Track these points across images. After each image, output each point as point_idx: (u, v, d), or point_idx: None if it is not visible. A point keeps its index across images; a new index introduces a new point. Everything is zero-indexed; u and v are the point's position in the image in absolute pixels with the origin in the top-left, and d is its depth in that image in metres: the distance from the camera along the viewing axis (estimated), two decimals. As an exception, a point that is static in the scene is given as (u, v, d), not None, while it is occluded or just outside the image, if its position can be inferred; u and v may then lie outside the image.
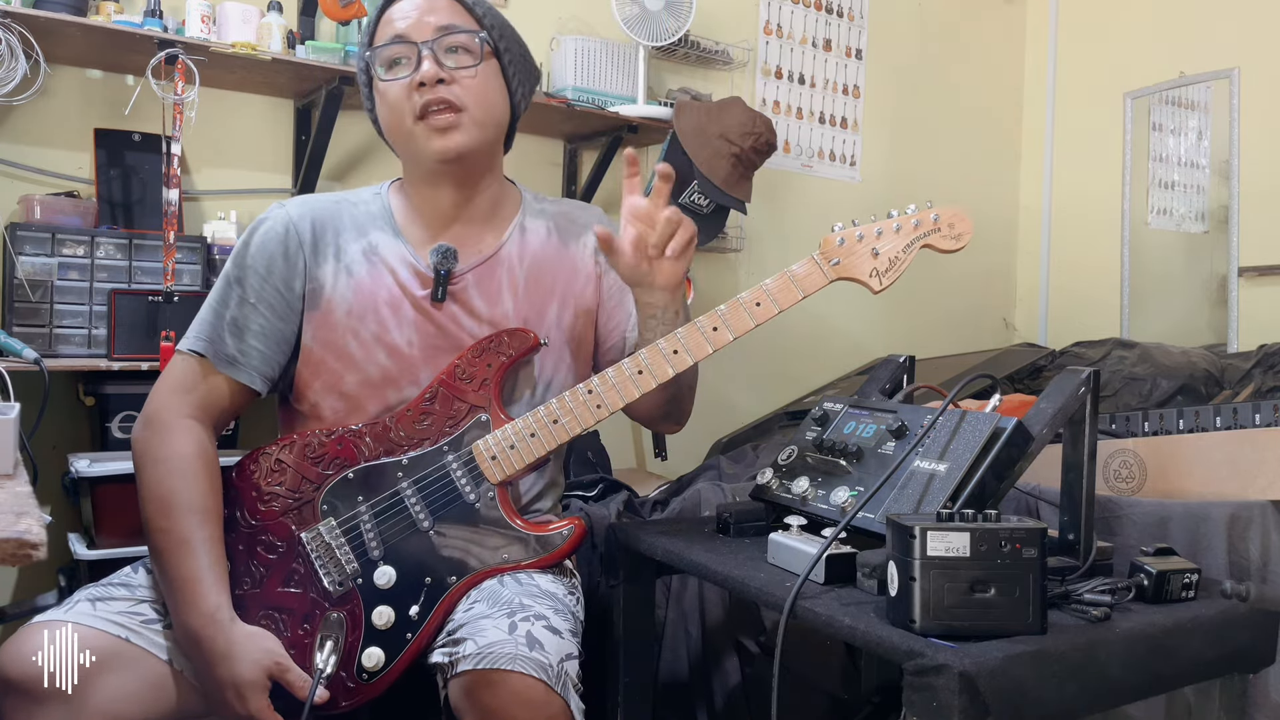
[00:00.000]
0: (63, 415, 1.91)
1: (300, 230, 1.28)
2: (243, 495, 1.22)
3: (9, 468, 1.00)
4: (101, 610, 1.12)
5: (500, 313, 1.31)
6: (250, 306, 1.25)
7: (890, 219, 1.25)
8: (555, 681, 1.03)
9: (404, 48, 1.24)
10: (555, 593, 1.19)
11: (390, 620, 1.17)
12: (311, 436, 1.24)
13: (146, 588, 1.19)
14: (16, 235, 1.76)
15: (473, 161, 1.28)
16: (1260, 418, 1.55)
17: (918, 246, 1.24)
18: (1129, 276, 3.11)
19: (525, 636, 1.06)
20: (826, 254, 1.23)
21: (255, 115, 2.17)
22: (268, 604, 1.18)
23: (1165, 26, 3.06)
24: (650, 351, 1.22)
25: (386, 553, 1.20)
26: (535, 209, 1.39)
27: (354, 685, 1.16)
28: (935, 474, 1.10)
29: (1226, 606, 1.05)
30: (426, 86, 1.22)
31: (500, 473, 1.22)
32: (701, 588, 1.72)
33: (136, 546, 1.61)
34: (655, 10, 2.40)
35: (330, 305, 1.27)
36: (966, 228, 1.23)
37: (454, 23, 1.25)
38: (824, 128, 3.04)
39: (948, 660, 0.86)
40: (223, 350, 1.24)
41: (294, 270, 1.27)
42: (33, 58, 1.75)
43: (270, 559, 1.20)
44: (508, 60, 1.30)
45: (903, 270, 1.23)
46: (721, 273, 2.82)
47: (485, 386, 1.25)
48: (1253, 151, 2.82)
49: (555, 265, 1.36)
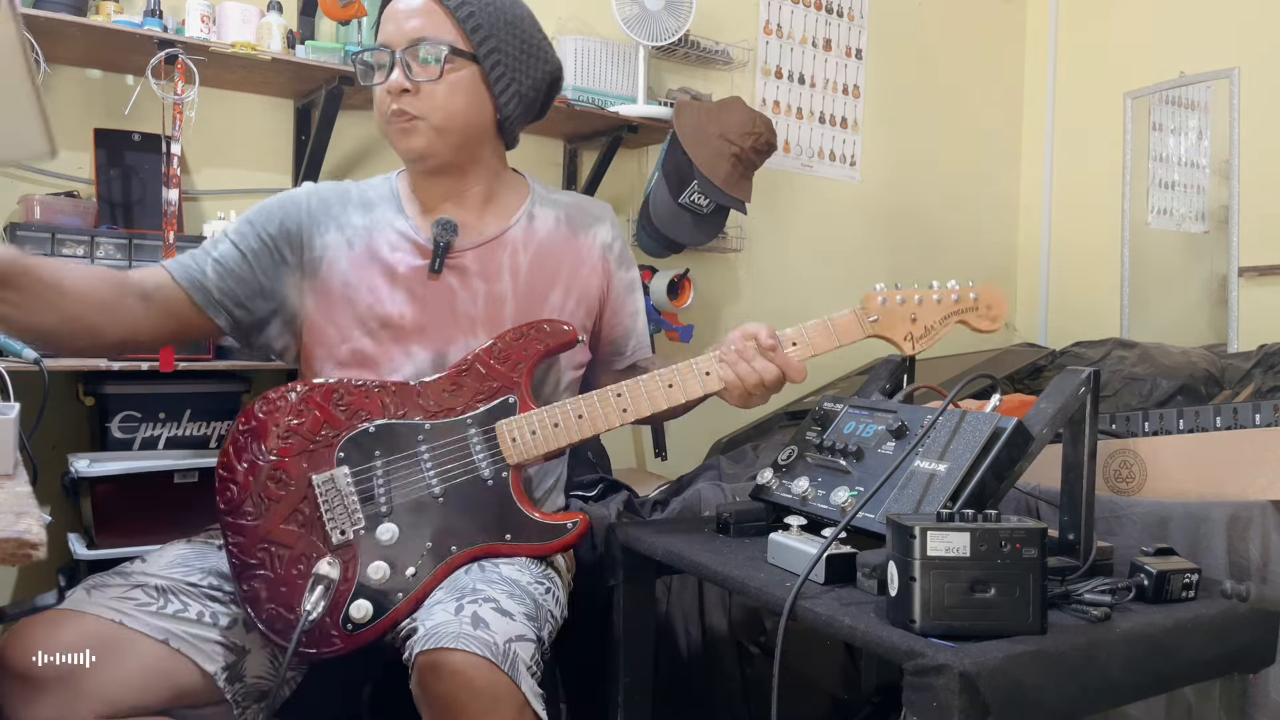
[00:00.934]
0: (63, 415, 1.91)
1: (304, 202, 1.36)
2: (262, 427, 1.24)
3: (9, 468, 1.00)
4: (97, 597, 1.14)
5: (498, 290, 1.35)
6: (234, 248, 1.32)
7: (932, 290, 1.33)
8: (501, 660, 1.03)
9: (381, 54, 1.32)
10: (518, 579, 1.19)
11: (385, 576, 1.19)
12: (339, 385, 1.27)
13: (142, 573, 1.20)
14: (16, 235, 1.76)
15: (439, 161, 1.34)
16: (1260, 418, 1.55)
17: (954, 320, 1.33)
18: (1129, 276, 3.11)
19: (470, 617, 1.07)
20: (867, 309, 1.31)
21: (255, 115, 2.17)
22: (267, 537, 1.20)
23: (1165, 26, 3.06)
24: (685, 368, 1.28)
25: (394, 510, 1.22)
26: (546, 199, 1.45)
27: (337, 634, 1.17)
28: (935, 474, 1.10)
29: (1226, 606, 1.05)
30: (393, 94, 1.30)
31: (518, 455, 1.26)
32: (701, 588, 1.72)
33: (136, 546, 1.61)
34: (655, 10, 2.40)
35: (330, 274, 1.33)
36: (1002, 310, 1.33)
37: (426, 35, 1.29)
38: (824, 128, 3.04)
39: (948, 660, 0.86)
40: (199, 279, 1.30)
41: (283, 232, 1.34)
42: (33, 58, 1.75)
43: (280, 494, 1.22)
44: (493, 63, 1.32)
45: (935, 340, 1.32)
46: (721, 273, 2.82)
47: (518, 370, 1.29)
48: (1253, 151, 2.82)
49: (562, 253, 1.41)
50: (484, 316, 1.34)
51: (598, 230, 1.45)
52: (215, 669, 1.17)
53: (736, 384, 1.26)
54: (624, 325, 1.48)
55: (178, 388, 1.82)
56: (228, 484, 1.23)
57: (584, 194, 2.51)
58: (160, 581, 1.19)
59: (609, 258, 1.45)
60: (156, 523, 1.62)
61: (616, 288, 1.46)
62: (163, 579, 1.20)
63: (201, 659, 1.17)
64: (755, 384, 1.25)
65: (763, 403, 1.29)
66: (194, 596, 1.20)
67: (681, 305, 2.53)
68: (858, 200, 3.12)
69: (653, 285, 2.49)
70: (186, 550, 1.28)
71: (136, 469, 1.66)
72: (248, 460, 1.23)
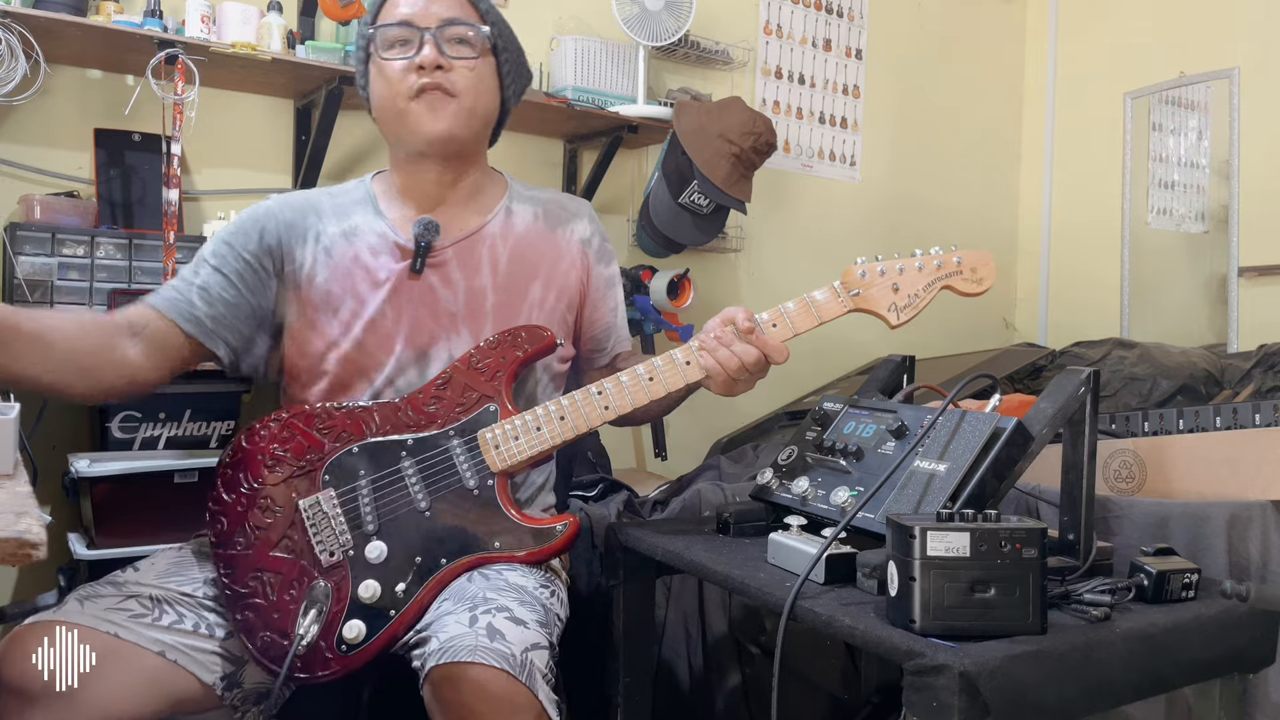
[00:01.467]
0: (63, 415, 1.91)
1: (278, 214, 1.34)
2: (249, 457, 1.24)
3: (9, 468, 1.00)
4: (89, 608, 1.13)
5: (478, 284, 1.34)
6: (217, 273, 1.29)
7: (913, 257, 1.27)
8: (519, 671, 1.03)
9: (408, 31, 1.29)
10: (524, 585, 1.19)
11: (376, 594, 1.19)
12: (322, 408, 1.27)
13: (135, 583, 1.19)
14: (16, 235, 1.76)
15: (457, 147, 1.33)
16: (1260, 418, 1.55)
17: (938, 287, 1.27)
18: (1129, 276, 3.11)
19: (486, 628, 1.06)
20: (847, 284, 1.26)
21: (255, 115, 2.17)
22: (258, 565, 1.20)
23: (1165, 26, 3.06)
24: (665, 359, 1.26)
25: (381, 528, 1.22)
26: (523, 195, 1.44)
27: (332, 656, 1.17)
28: (935, 474, 1.10)
29: (1226, 606, 1.05)
30: (425, 70, 1.27)
31: (502, 462, 1.25)
32: (701, 588, 1.72)
33: (136, 546, 1.61)
34: (655, 10, 2.40)
35: (310, 284, 1.31)
36: (989, 273, 1.26)
37: (458, 16, 1.30)
38: (824, 128, 3.04)
39: (948, 660, 0.86)
40: (188, 310, 1.27)
41: (264, 248, 1.31)
42: (33, 58, 1.75)
43: (267, 522, 1.22)
44: (504, 59, 1.35)
45: (921, 309, 1.26)
46: (721, 272, 2.82)
47: (497, 378, 1.28)
48: (1253, 151, 2.82)
49: (540, 247, 1.40)
50: (465, 312, 1.33)
51: (575, 225, 1.44)
52: (214, 679, 1.17)
53: (718, 370, 1.22)
54: (605, 320, 1.48)
55: (178, 388, 1.82)
56: (218, 517, 1.23)
57: (583, 194, 2.52)
58: (154, 592, 1.18)
59: (588, 252, 1.45)
60: (156, 523, 1.62)
61: (596, 283, 1.45)
62: (156, 589, 1.19)
63: (199, 670, 1.16)
64: (737, 369, 1.21)
65: (748, 388, 1.25)
66: (189, 607, 1.20)
67: (681, 305, 2.53)
68: (858, 200, 3.12)
69: (653, 285, 2.49)
70: (179, 558, 1.27)
71: (136, 469, 1.66)
72: (235, 492, 1.23)
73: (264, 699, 1.20)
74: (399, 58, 1.29)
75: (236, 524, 1.21)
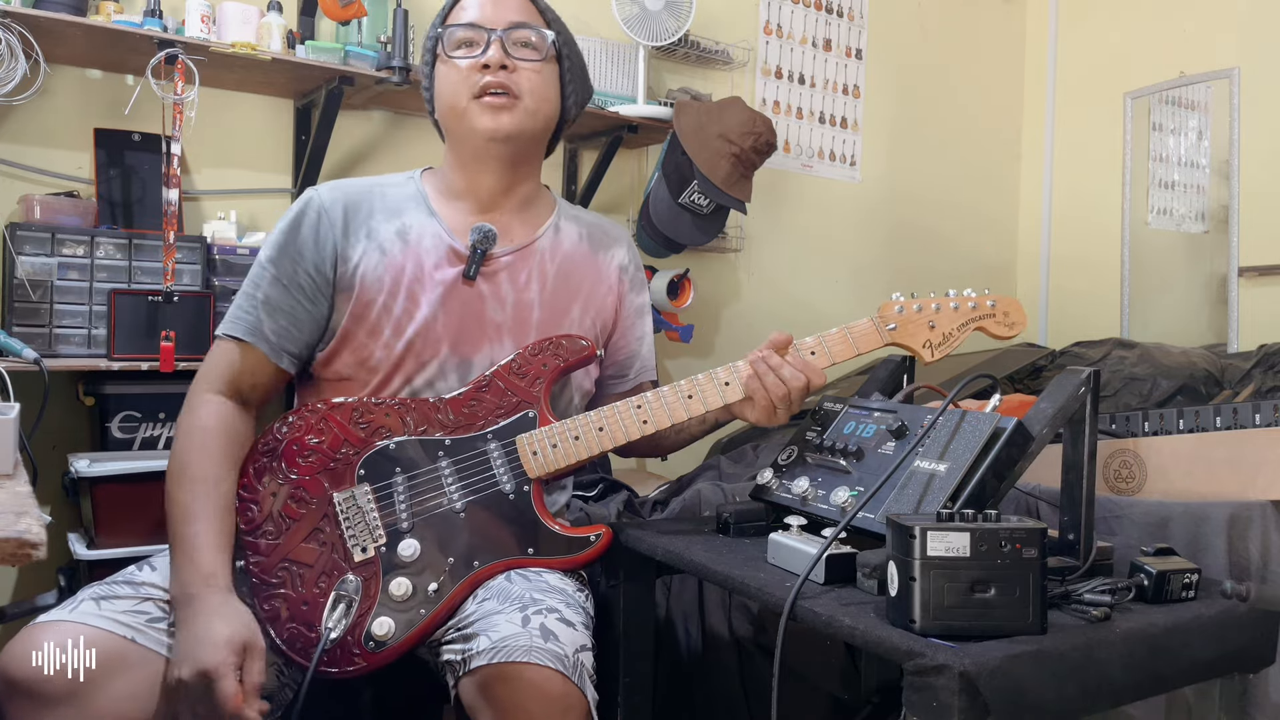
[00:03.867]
0: (63, 415, 1.91)
1: (332, 215, 1.32)
2: (284, 446, 1.24)
3: (9, 468, 1.00)
4: (106, 609, 1.11)
5: (526, 299, 1.35)
6: (282, 288, 1.29)
7: (949, 298, 1.33)
8: (572, 672, 1.04)
9: (475, 32, 1.31)
10: (564, 588, 1.21)
11: (408, 593, 1.18)
12: (360, 402, 1.27)
13: (152, 585, 1.18)
14: (16, 235, 1.76)
15: (517, 148, 1.34)
16: (1260, 418, 1.55)
17: (972, 327, 1.33)
18: (1129, 276, 3.11)
19: (540, 629, 1.07)
20: (884, 318, 1.32)
21: (255, 115, 2.17)
22: (288, 556, 1.20)
23: (1165, 26, 3.06)
24: (705, 377, 1.28)
25: (415, 526, 1.22)
26: (569, 214, 1.46)
27: (359, 652, 1.16)
28: (935, 474, 1.10)
29: (1226, 606, 1.05)
30: (490, 69, 1.29)
31: (539, 469, 1.26)
32: (701, 588, 1.72)
33: (136, 546, 1.61)
34: (655, 10, 2.40)
35: (363, 284, 1.31)
36: (1020, 318, 1.33)
37: (525, 19, 1.33)
38: (824, 128, 3.04)
39: (948, 660, 0.86)
40: (259, 330, 1.28)
41: (324, 254, 1.31)
42: (33, 58, 1.75)
43: (300, 513, 1.22)
44: (567, 66, 1.38)
45: (954, 347, 1.32)
46: (721, 272, 2.82)
47: (537, 385, 1.29)
48: (1253, 151, 2.82)
49: (583, 269, 1.42)
50: (511, 323, 1.33)
51: (616, 251, 1.46)
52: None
53: (762, 394, 1.26)
54: (630, 349, 1.48)
55: (178, 388, 1.80)
56: (248, 504, 1.22)
57: (583, 194, 2.52)
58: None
59: (625, 279, 1.47)
60: (156, 523, 1.61)
61: (627, 311, 1.47)
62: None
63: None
64: (782, 396, 1.25)
65: (784, 420, 1.28)
66: None
67: (681, 305, 2.54)
68: (858, 200, 3.12)
69: (653, 285, 2.49)
70: None
71: (136, 469, 1.66)
72: (268, 480, 1.22)
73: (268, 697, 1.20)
74: (465, 57, 1.31)
75: (267, 512, 1.21)
